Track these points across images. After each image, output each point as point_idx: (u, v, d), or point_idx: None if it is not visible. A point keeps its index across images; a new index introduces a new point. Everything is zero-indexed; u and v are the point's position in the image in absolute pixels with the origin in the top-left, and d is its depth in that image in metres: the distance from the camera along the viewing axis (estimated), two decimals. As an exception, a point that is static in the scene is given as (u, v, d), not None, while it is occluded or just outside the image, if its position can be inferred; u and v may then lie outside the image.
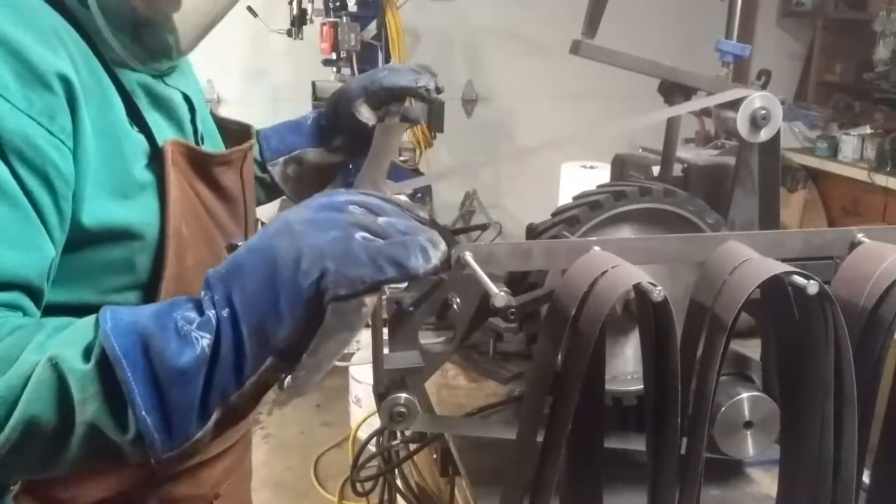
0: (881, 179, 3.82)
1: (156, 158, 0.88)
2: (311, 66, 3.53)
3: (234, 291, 0.66)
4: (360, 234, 0.64)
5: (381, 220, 0.66)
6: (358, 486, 1.75)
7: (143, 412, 0.64)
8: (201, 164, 0.95)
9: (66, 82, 0.77)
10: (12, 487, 0.86)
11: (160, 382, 0.64)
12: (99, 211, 0.81)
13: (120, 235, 0.84)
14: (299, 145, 1.29)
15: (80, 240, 0.81)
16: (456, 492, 1.39)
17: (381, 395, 0.88)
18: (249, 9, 3.20)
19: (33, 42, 0.76)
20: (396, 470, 1.69)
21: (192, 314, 0.66)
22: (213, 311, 0.65)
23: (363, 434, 2.27)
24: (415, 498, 1.68)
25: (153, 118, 0.90)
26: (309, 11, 3.36)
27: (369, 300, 0.66)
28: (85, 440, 0.65)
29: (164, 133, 0.91)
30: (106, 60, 0.86)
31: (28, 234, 0.74)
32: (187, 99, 1.00)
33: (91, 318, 0.68)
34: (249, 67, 3.95)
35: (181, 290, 0.89)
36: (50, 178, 0.75)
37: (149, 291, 0.88)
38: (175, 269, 0.88)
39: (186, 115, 0.99)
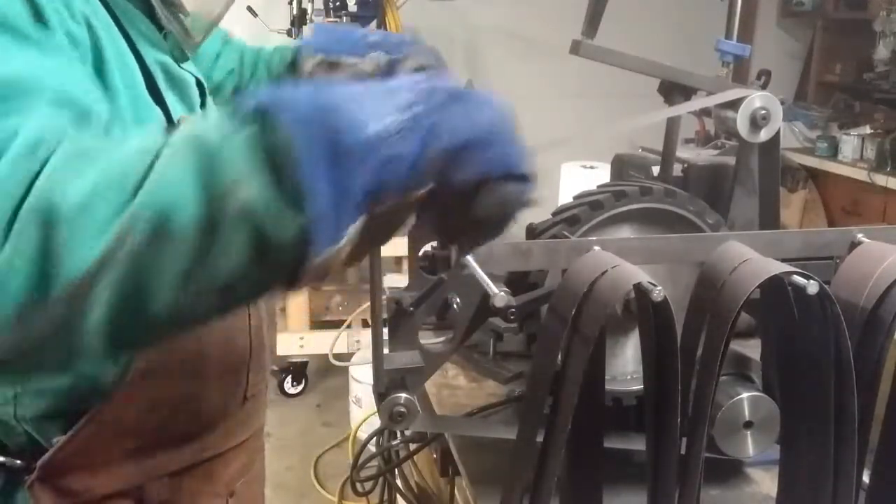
0: (881, 179, 3.82)
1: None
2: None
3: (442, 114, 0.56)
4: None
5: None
6: (358, 486, 1.75)
7: (313, 182, 0.52)
8: None
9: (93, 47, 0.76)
10: (27, 477, 0.86)
11: (337, 151, 0.53)
12: None
13: None
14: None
15: None
16: (456, 492, 1.39)
17: (381, 395, 0.88)
18: (249, 9, 3.20)
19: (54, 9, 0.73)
20: (396, 470, 1.69)
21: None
22: (419, 109, 0.55)
23: (363, 434, 2.27)
24: (415, 498, 1.68)
25: (170, 98, 0.90)
26: (309, 11, 3.36)
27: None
28: (231, 240, 0.52)
29: (178, 113, 0.91)
30: (128, 34, 0.85)
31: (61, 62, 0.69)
32: (199, 84, 1.00)
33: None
34: (249, 67, 3.96)
35: None
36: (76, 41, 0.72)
37: None
38: None
39: (198, 100, 0.99)
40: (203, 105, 1.01)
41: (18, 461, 0.86)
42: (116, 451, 0.89)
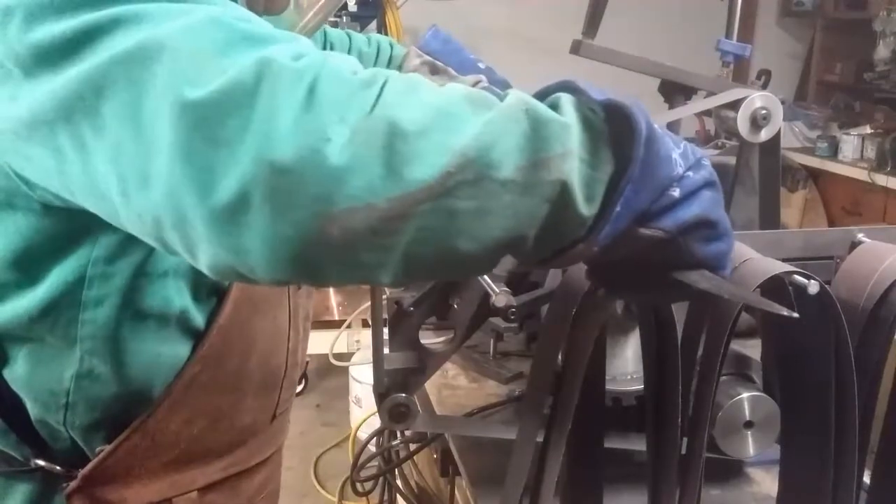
0: (881, 179, 3.82)
1: None
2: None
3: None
4: None
5: None
6: (358, 486, 1.75)
7: (629, 196, 0.57)
8: None
9: None
10: (65, 484, 0.86)
11: (654, 151, 0.57)
12: None
13: None
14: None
15: None
16: (456, 492, 1.39)
17: (381, 395, 0.88)
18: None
19: None
20: (396, 470, 1.69)
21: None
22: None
23: (363, 434, 2.27)
24: (415, 498, 1.68)
25: None
26: (309, 11, 3.36)
27: None
28: (536, 206, 0.56)
29: None
30: None
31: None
32: None
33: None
34: (249, 67, 3.96)
35: None
36: None
37: None
38: None
39: None
40: None
41: (58, 467, 0.86)
42: (152, 464, 0.89)
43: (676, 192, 0.59)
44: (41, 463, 0.85)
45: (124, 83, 0.56)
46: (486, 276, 0.83)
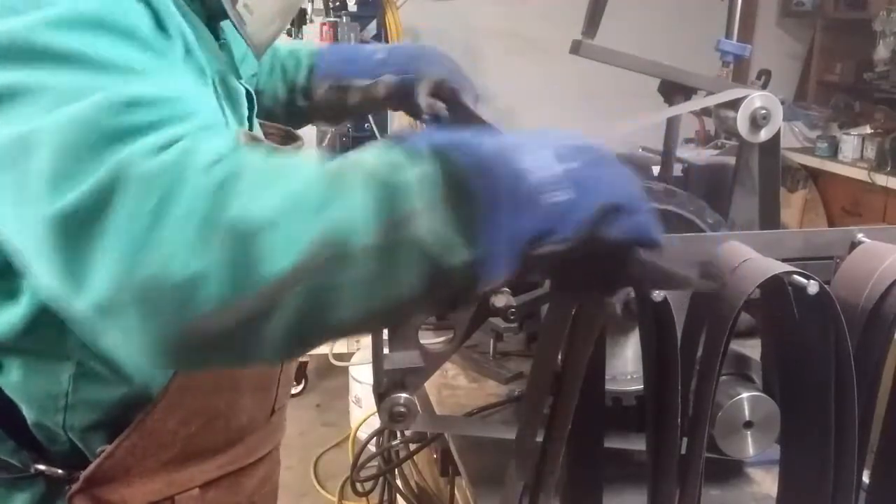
0: (881, 179, 3.82)
1: None
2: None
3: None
4: None
5: None
6: (358, 486, 1.75)
7: (492, 227, 0.57)
8: None
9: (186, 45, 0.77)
10: (67, 487, 0.85)
11: (516, 195, 0.57)
12: None
13: None
14: (348, 78, 1.24)
15: None
16: (456, 492, 1.39)
17: (381, 395, 0.88)
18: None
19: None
20: (396, 470, 1.69)
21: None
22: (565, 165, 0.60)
23: (363, 434, 2.27)
24: (415, 498, 1.68)
25: (225, 108, 0.90)
26: (309, 11, 3.36)
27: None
28: (405, 267, 0.56)
29: (231, 125, 0.91)
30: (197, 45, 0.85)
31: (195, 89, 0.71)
32: (249, 97, 1.00)
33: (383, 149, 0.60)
34: (249, 67, 3.95)
35: None
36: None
37: None
38: None
39: (246, 112, 0.98)
40: (251, 118, 1.00)
41: (60, 470, 0.86)
42: (152, 463, 0.89)
43: (559, 196, 0.58)
44: (41, 468, 0.85)
45: (9, 169, 0.60)
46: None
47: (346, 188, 0.56)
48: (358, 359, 2.91)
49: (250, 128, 1.00)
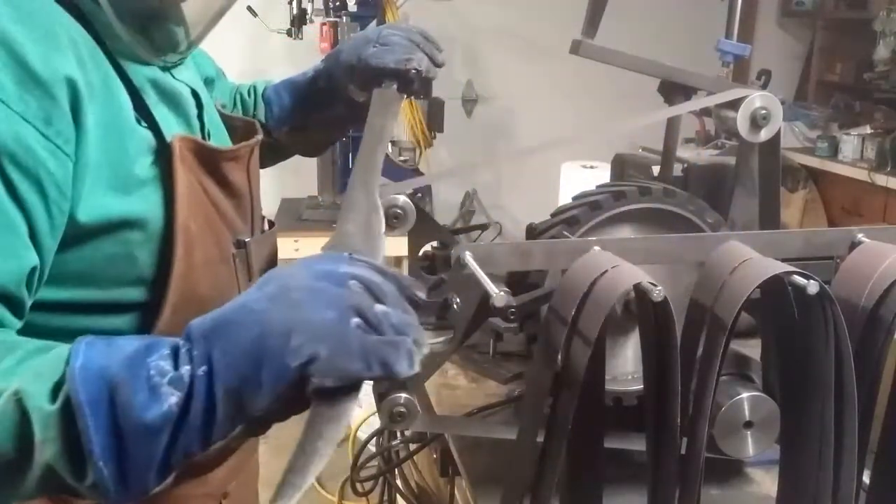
0: (881, 179, 3.82)
1: (163, 154, 0.87)
2: (310, 65, 3.52)
3: (215, 349, 0.62)
4: (355, 321, 0.62)
5: (377, 308, 0.64)
6: (358, 486, 1.75)
7: (101, 462, 0.62)
8: (209, 160, 0.94)
9: (70, 84, 0.76)
10: None
11: (122, 434, 0.62)
12: (95, 206, 0.80)
13: (117, 227, 0.83)
14: (300, 109, 1.34)
15: (78, 235, 0.80)
16: (456, 492, 1.39)
17: (381, 395, 0.88)
18: (249, 8, 3.20)
19: (35, 42, 0.75)
20: (396, 470, 1.69)
21: (167, 365, 0.63)
22: (189, 368, 0.62)
23: (363, 434, 2.27)
24: (415, 498, 1.68)
25: (161, 113, 0.90)
26: (309, 11, 3.36)
27: (353, 395, 0.65)
28: (41, 479, 0.64)
29: (172, 128, 0.91)
30: (113, 55, 0.85)
31: (7, 242, 0.73)
32: (195, 94, 1.00)
33: (65, 350, 0.65)
34: (249, 67, 3.95)
35: (189, 287, 0.88)
36: (42, 183, 0.74)
37: (155, 288, 0.88)
38: (184, 265, 0.88)
39: (194, 111, 0.99)
40: (200, 116, 1.00)
41: None
42: None
43: (175, 398, 0.62)
44: None
45: None
46: (485, 276, 0.83)
47: (2, 408, 0.63)
48: (358, 359, 2.90)
49: (201, 125, 1.01)
